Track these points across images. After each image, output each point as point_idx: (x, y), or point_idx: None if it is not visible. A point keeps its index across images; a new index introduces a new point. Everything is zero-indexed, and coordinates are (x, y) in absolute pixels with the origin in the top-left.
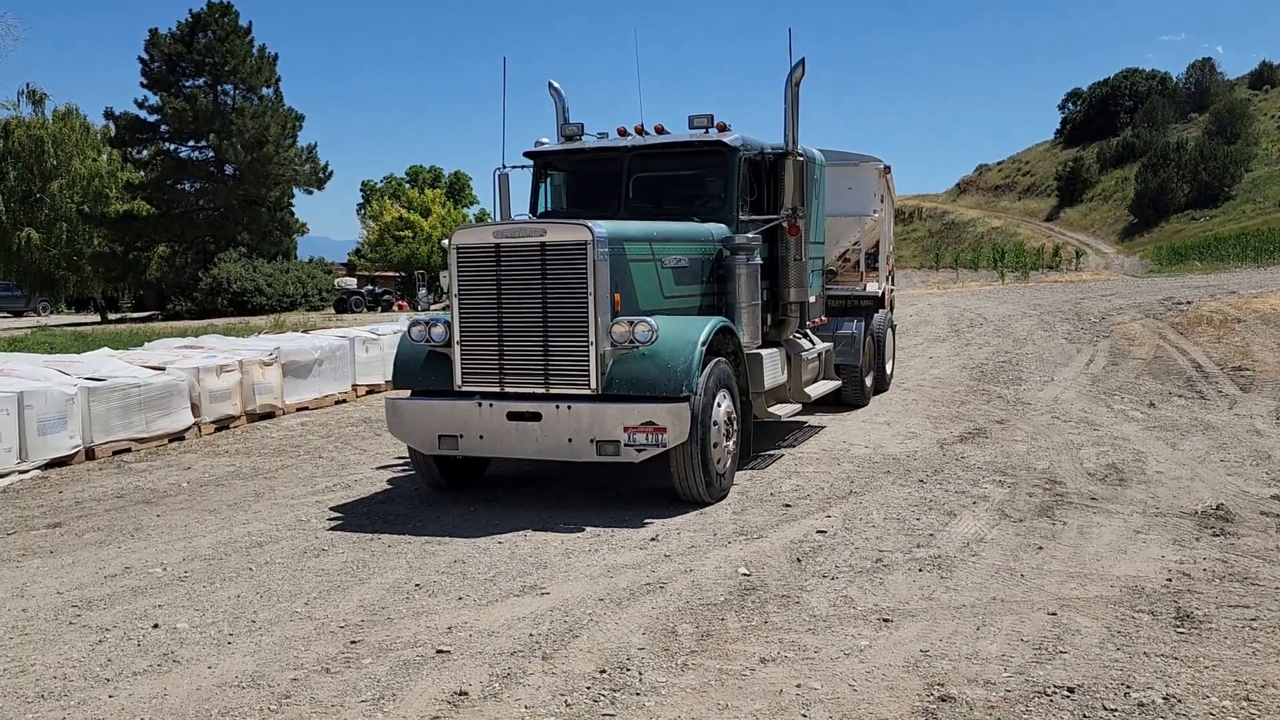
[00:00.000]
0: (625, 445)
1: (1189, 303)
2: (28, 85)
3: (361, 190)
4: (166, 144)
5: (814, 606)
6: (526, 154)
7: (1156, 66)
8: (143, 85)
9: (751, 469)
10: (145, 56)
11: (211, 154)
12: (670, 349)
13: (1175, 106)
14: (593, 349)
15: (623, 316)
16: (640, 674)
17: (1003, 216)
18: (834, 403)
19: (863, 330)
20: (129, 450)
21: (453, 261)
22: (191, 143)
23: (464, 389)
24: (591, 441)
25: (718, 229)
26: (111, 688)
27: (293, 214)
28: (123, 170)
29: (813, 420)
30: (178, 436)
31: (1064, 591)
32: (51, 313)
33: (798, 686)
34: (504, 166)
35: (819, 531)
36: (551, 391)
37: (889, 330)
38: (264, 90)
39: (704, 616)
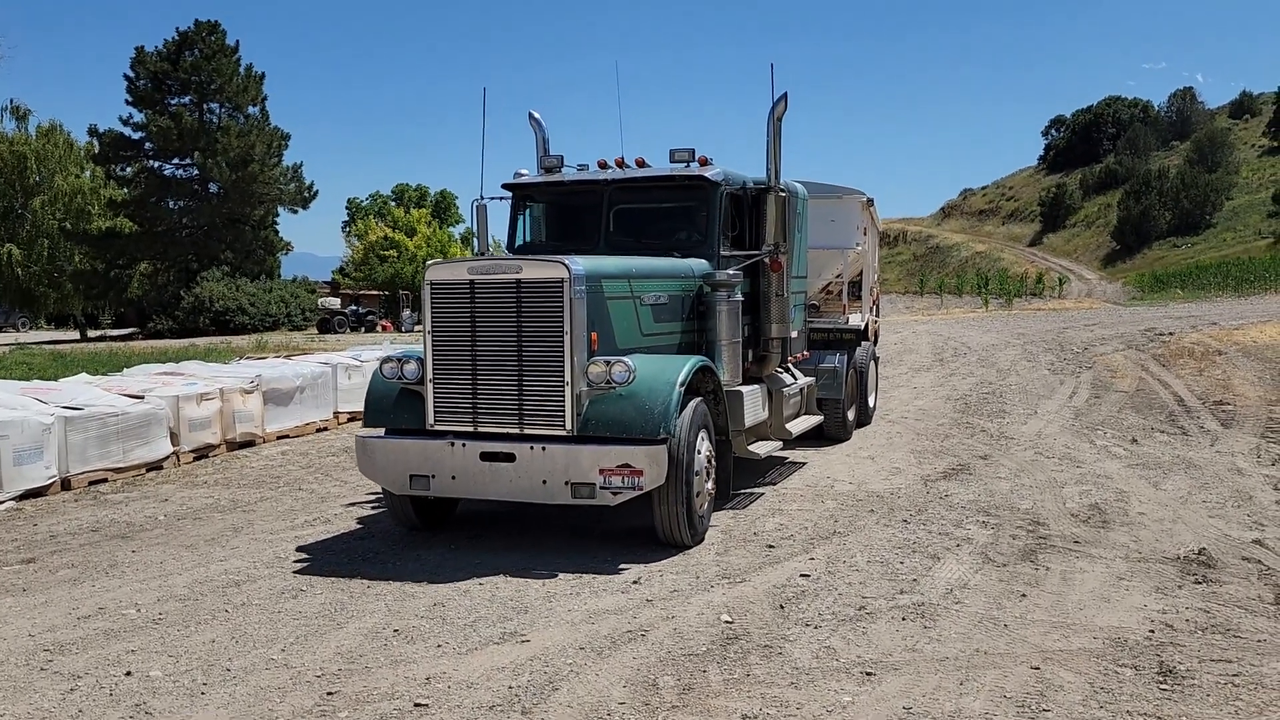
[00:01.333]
0: (601, 488)
1: (1171, 334)
2: (11, 101)
3: (347, 208)
4: (151, 162)
5: (797, 658)
6: (505, 186)
7: (1138, 94)
8: (128, 103)
9: (732, 508)
10: (131, 74)
11: (196, 172)
12: (648, 390)
13: (1157, 134)
14: (568, 389)
15: (600, 356)
16: None
17: (987, 241)
18: (816, 437)
19: (845, 364)
20: (105, 480)
21: (426, 297)
22: (176, 160)
23: (436, 428)
24: (566, 483)
25: (698, 265)
26: None
27: (277, 233)
28: (106, 187)
29: (797, 455)
30: (155, 466)
31: (1047, 643)
32: (31, 329)
33: None
34: (482, 198)
35: (802, 575)
36: (526, 432)
37: (871, 362)
38: (250, 109)
39: (685, 668)
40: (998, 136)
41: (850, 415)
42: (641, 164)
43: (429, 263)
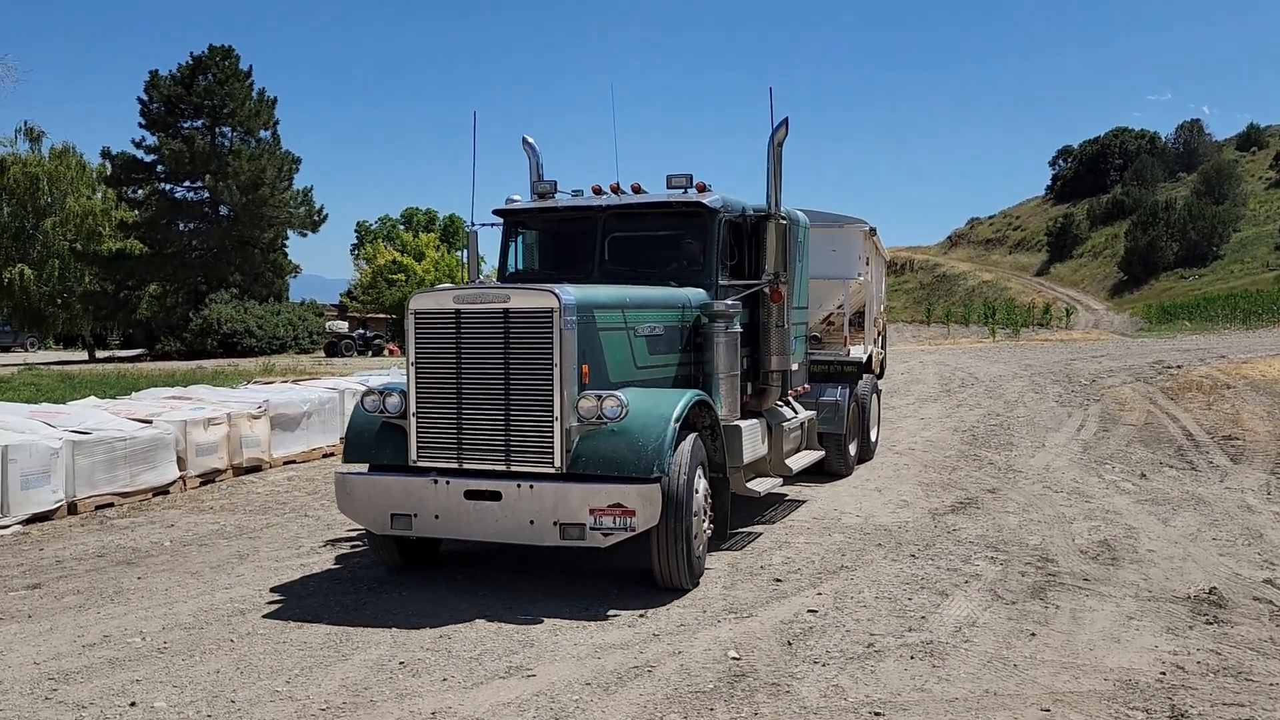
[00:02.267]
0: (591, 529)
1: (1179, 367)
2: (25, 123)
3: (356, 231)
4: (162, 184)
5: (804, 696)
6: (496, 212)
7: (1144, 125)
8: (141, 125)
9: (734, 544)
10: (145, 97)
11: (207, 195)
12: (641, 426)
13: (1164, 166)
14: (557, 424)
15: (591, 390)
16: None
17: (994, 270)
18: (817, 473)
19: (847, 397)
20: (112, 505)
21: (410, 328)
22: (187, 183)
23: (419, 464)
24: (555, 524)
25: (695, 294)
26: None
27: (286, 255)
28: (117, 209)
29: (801, 489)
30: (162, 491)
31: (1057, 684)
32: (39, 349)
33: None
34: (473, 224)
35: (810, 611)
36: (513, 469)
37: (874, 395)
38: (262, 133)
39: (693, 705)
40: (1005, 166)
41: (852, 450)
42: (637, 190)
43: (415, 291)
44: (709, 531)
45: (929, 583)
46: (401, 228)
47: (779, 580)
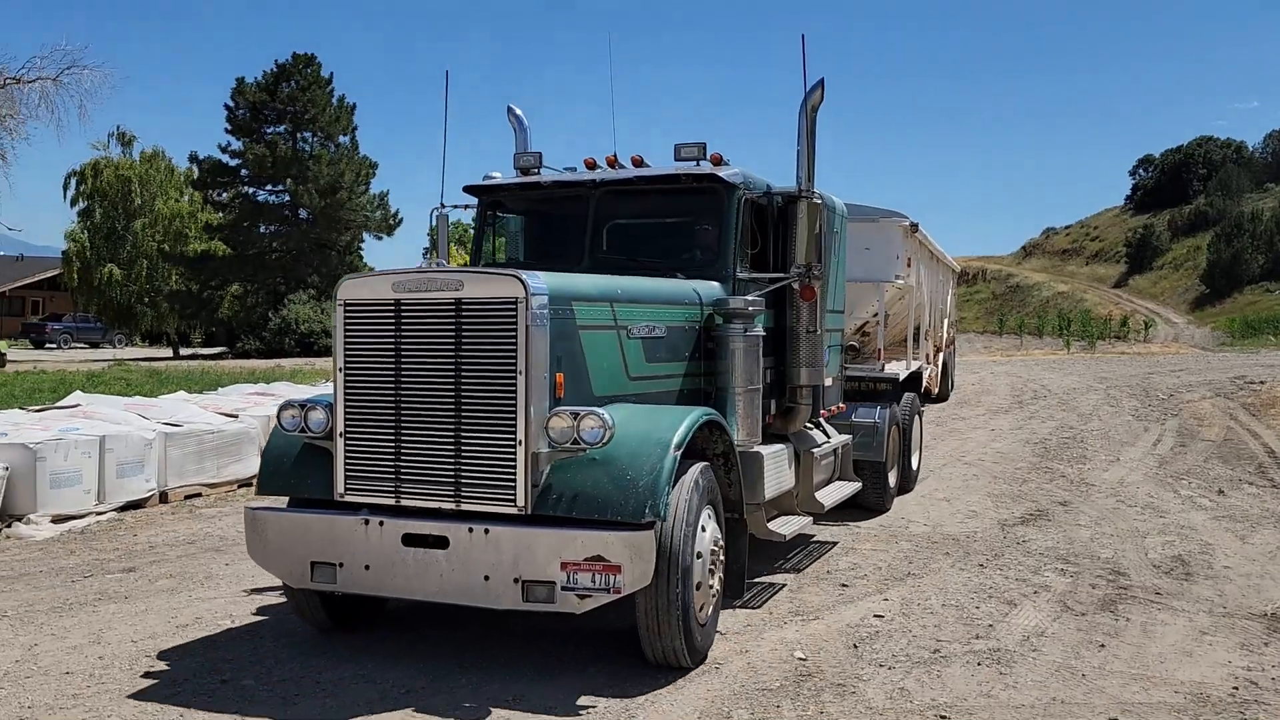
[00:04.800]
0: (563, 589)
1: (1262, 382)
2: (118, 127)
3: (429, 235)
4: (246, 188)
5: (870, 698)
6: (469, 189)
7: (1229, 134)
8: (227, 131)
9: (754, 599)
10: (231, 104)
11: (287, 198)
12: (631, 453)
13: (1250, 175)
14: (521, 449)
15: (567, 405)
16: None
17: (1069, 281)
18: (848, 507)
19: (887, 419)
20: (200, 495)
21: (338, 322)
22: (269, 187)
23: (347, 498)
24: (516, 581)
25: (708, 289)
26: None
27: (362, 258)
28: (203, 211)
29: (831, 526)
30: (246, 483)
31: (1126, 695)
32: (126, 346)
33: None
34: (443, 206)
35: (876, 615)
36: (464, 508)
37: (916, 417)
38: (341, 138)
39: (759, 702)
40: (1082, 175)
41: (892, 481)
42: (639, 163)
43: (346, 276)
44: (718, 590)
45: (997, 592)
46: (473, 231)
47: (845, 585)
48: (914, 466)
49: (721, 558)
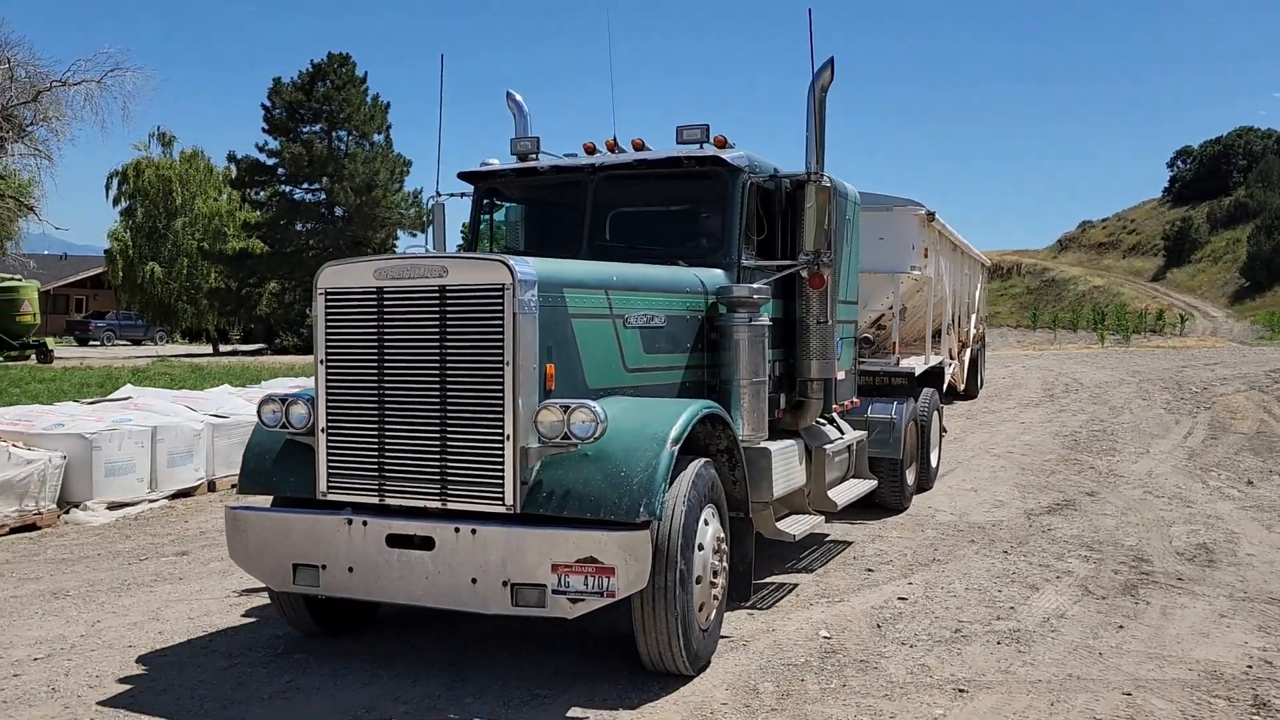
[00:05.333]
0: (554, 592)
1: None
2: (158, 128)
3: (461, 232)
4: (283, 186)
5: (891, 673)
6: (463, 175)
7: (1270, 124)
8: (264, 130)
9: (763, 601)
10: (268, 104)
11: (324, 196)
12: (625, 449)
13: None
14: (509, 444)
15: (556, 399)
16: None
17: (1105, 275)
18: (864, 506)
19: (904, 415)
20: None
21: (318, 312)
22: (305, 185)
23: (330, 497)
24: (505, 584)
25: (711, 277)
26: (244, 709)
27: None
28: (241, 210)
29: (847, 524)
30: None
31: (1141, 672)
32: (166, 342)
33: None
34: (439, 193)
35: (900, 598)
36: (450, 507)
37: (935, 413)
38: (375, 136)
39: (784, 676)
40: (1118, 168)
41: (910, 479)
42: (640, 147)
43: (326, 263)
44: (721, 593)
45: (1020, 577)
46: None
47: (870, 570)
48: (933, 464)
49: (726, 559)
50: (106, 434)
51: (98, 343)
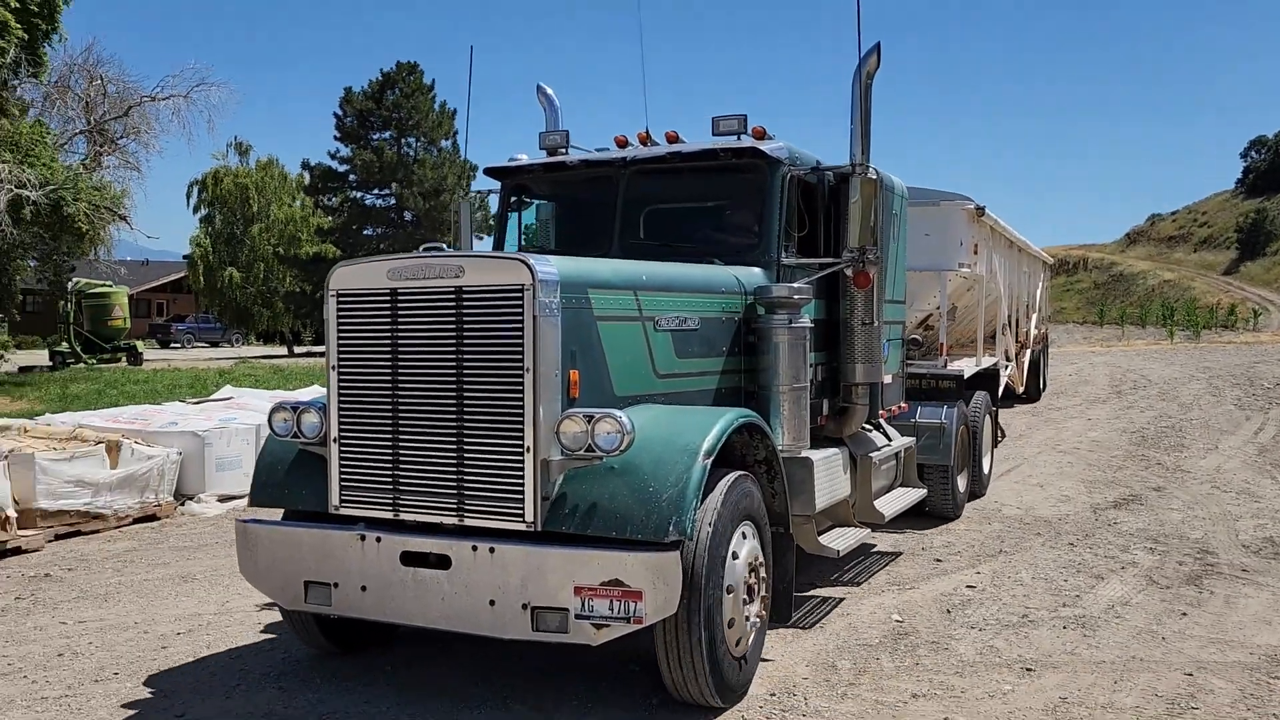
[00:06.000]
0: (577, 617)
1: None
2: (235, 138)
3: (524, 234)
4: (354, 192)
5: (962, 653)
6: (488, 171)
7: None
8: (335, 138)
9: (806, 618)
10: (339, 112)
11: (393, 201)
12: (654, 461)
13: None
14: (529, 457)
15: (579, 408)
16: (805, 699)
17: (1176, 269)
18: (914, 515)
19: (955, 419)
20: None
21: (330, 315)
22: (376, 191)
23: (342, 511)
24: (524, 607)
25: (749, 275)
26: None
27: None
28: (314, 215)
29: (898, 534)
30: None
31: (1202, 655)
32: (243, 344)
33: (945, 719)
34: (467, 192)
35: (968, 586)
36: (467, 523)
37: (987, 417)
38: (443, 142)
39: (860, 655)
40: (1189, 159)
41: (961, 486)
42: (674, 139)
43: (339, 263)
44: (759, 617)
45: (1085, 567)
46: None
47: (939, 560)
48: (986, 470)
49: (765, 577)
50: (216, 431)
51: (178, 345)
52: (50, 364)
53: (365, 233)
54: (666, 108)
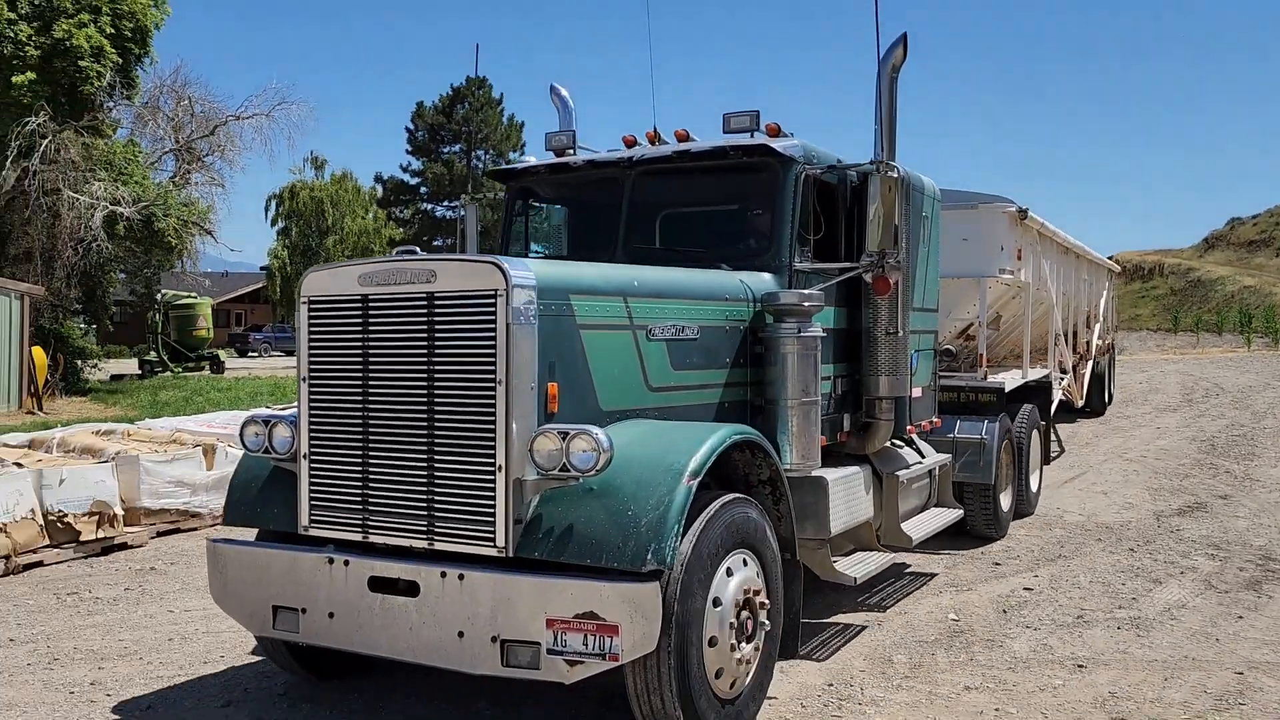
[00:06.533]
0: (549, 651)
1: None
2: (311, 153)
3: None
4: (424, 204)
5: (1016, 650)
6: (492, 174)
7: None
8: (407, 152)
9: (816, 651)
10: (411, 126)
11: (463, 213)
12: (635, 483)
13: None
14: (501, 477)
15: (555, 424)
16: (862, 689)
17: (1257, 275)
18: (956, 533)
19: (996, 435)
20: None
21: (301, 323)
22: (445, 203)
23: (311, 532)
24: (494, 640)
25: (757, 281)
26: None
27: None
28: (386, 227)
29: (929, 555)
30: None
31: (1256, 656)
32: None
33: (996, 710)
34: (471, 195)
35: (1025, 588)
36: (437, 547)
37: (1033, 431)
38: (511, 154)
39: (916, 650)
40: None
41: (1005, 504)
42: (684, 138)
43: (310, 269)
44: (755, 653)
45: (1144, 572)
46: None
47: (997, 564)
48: (1033, 488)
49: (763, 609)
50: None
51: (256, 354)
52: (139, 372)
53: (436, 244)
54: (677, 97)
